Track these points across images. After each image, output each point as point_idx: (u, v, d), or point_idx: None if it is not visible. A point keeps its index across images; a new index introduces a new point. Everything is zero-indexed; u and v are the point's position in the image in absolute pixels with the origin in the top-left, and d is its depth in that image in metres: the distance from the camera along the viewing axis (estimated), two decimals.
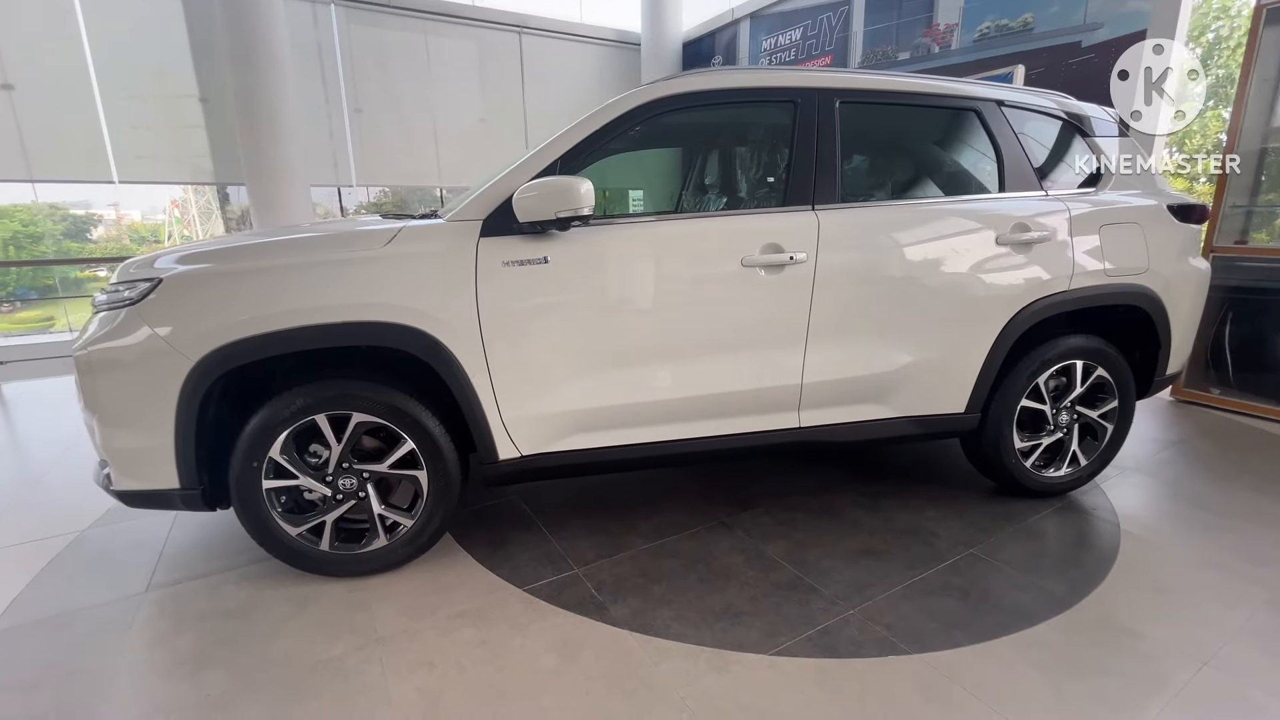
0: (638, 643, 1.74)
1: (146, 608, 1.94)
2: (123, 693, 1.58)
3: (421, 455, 1.99)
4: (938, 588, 1.97)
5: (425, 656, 1.70)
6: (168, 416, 1.80)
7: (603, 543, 2.27)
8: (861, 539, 2.28)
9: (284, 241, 1.94)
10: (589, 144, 2.01)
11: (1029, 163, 2.36)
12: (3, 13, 5.80)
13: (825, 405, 2.24)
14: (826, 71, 2.24)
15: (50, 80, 6.06)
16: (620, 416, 2.09)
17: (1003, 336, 2.27)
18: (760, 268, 2.06)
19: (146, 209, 15.69)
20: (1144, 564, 2.10)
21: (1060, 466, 2.52)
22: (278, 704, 1.54)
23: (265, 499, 1.92)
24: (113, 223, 14.90)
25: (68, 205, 14.84)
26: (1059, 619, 1.82)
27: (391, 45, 7.56)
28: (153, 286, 1.80)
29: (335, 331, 1.83)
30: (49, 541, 2.34)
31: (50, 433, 3.67)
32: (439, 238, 1.91)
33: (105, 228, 14.94)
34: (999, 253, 2.24)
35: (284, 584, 2.03)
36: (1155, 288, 2.41)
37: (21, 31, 5.89)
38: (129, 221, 15.11)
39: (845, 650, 1.69)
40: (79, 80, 6.16)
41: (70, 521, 2.47)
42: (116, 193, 14.94)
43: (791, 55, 7.47)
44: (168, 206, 15.35)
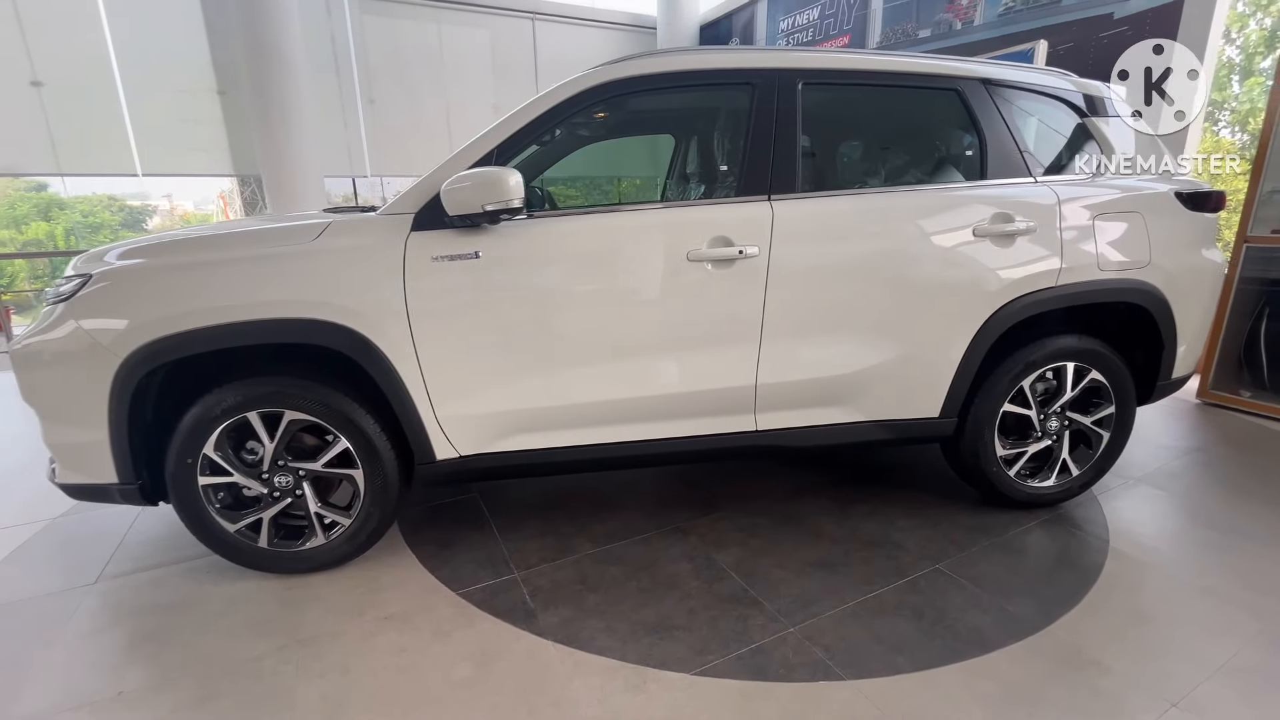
0: (558, 655, 1.67)
1: (92, 599, 1.97)
2: (42, 685, 1.60)
3: (356, 454, 1.95)
4: (891, 606, 1.84)
5: (341, 661, 1.67)
6: (101, 412, 1.80)
7: (550, 546, 2.21)
8: (821, 549, 2.15)
9: (214, 236, 1.92)
10: (526, 133, 1.92)
11: (1016, 147, 2.16)
12: (32, 13, 6.00)
13: (784, 408, 2.12)
14: (787, 51, 2.10)
15: (76, 77, 6.27)
16: (562, 417, 2.01)
17: (979, 337, 2.10)
18: (707, 262, 1.94)
19: (199, 199, 16.23)
20: (1128, 587, 1.93)
21: (1049, 476, 2.34)
22: (184, 704, 1.53)
23: (201, 495, 1.91)
24: (166, 213, 15.52)
25: (125, 197, 15.53)
26: (1018, 646, 1.67)
27: (404, 35, 7.56)
28: (84, 282, 1.80)
29: (260, 328, 1.80)
30: (20, 529, 2.41)
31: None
32: (368, 232, 1.86)
33: (160, 218, 15.58)
34: (975, 245, 2.06)
35: (225, 580, 2.03)
36: (1158, 283, 2.19)
37: (49, 30, 6.09)
38: (181, 212, 15.71)
39: (774, 673, 1.59)
40: (103, 76, 6.35)
41: (45, 509, 2.53)
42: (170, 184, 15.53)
43: (809, 35, 7.18)
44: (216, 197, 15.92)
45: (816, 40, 7.06)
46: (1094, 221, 2.12)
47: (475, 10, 7.86)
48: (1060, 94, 2.25)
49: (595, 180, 7.09)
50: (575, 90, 1.93)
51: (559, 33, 8.38)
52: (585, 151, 2.85)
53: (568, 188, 7.30)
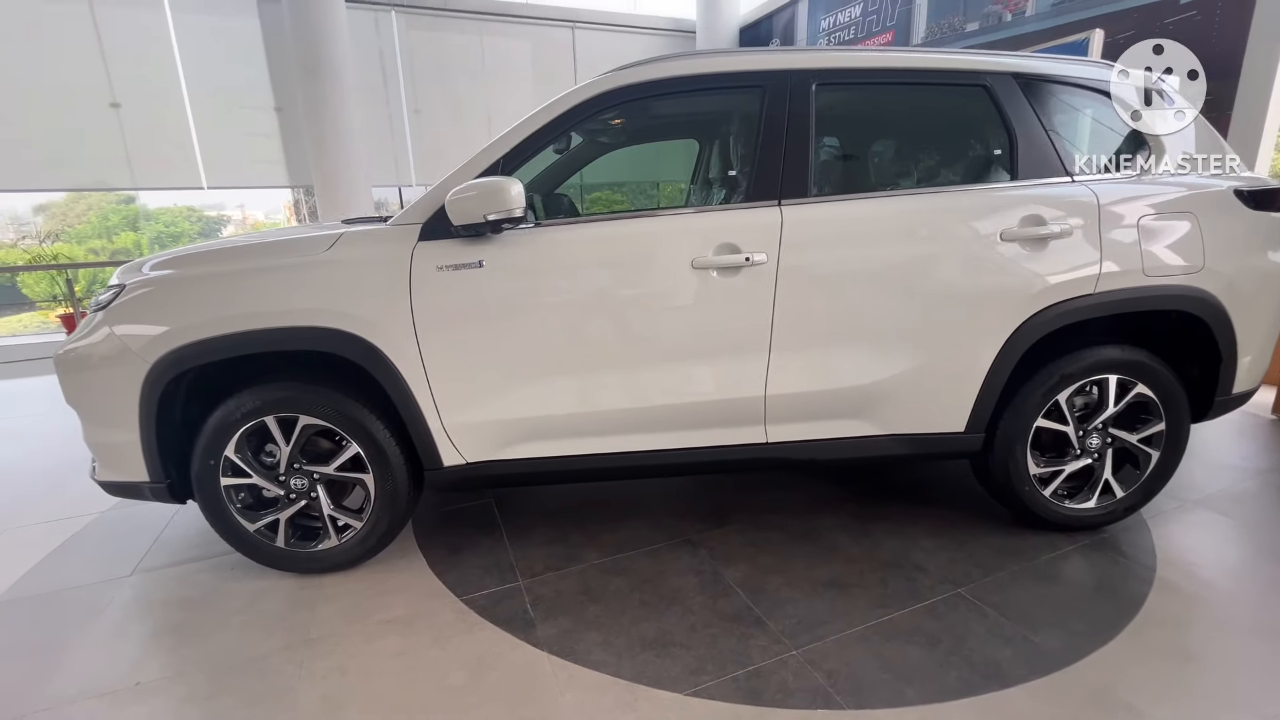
0: (552, 667, 1.66)
1: (125, 591, 2.08)
2: (71, 672, 1.70)
3: (367, 459, 1.99)
4: (904, 632, 1.75)
5: (343, 662, 1.70)
6: (133, 414, 1.91)
7: (558, 554, 2.20)
8: (836, 568, 2.06)
9: (236, 248, 2.00)
10: (532, 142, 1.93)
11: (1052, 145, 2.02)
12: (112, 39, 6.49)
13: (795, 420, 2.04)
14: (799, 52, 2.02)
15: (150, 98, 6.74)
16: (568, 426, 2.00)
17: (1008, 347, 1.97)
18: (713, 270, 1.89)
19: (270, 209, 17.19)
20: (1174, 623, 1.76)
21: (1089, 497, 2.17)
22: (192, 699, 1.59)
23: (224, 495, 2.00)
24: (239, 222, 16.54)
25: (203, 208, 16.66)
26: (1040, 682, 1.55)
27: (448, 47, 7.79)
28: (118, 292, 1.92)
29: (274, 336, 1.86)
30: (73, 521, 2.58)
31: None
32: (377, 242, 1.90)
33: (234, 226, 16.63)
34: (1002, 250, 1.93)
35: (246, 577, 2.11)
36: (1214, 290, 2.00)
37: (127, 55, 6.57)
38: (253, 221, 16.70)
39: (770, 697, 1.53)
40: (173, 96, 6.80)
41: (96, 504, 2.70)
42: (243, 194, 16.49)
43: (851, 34, 6.99)
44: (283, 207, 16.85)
45: (859, 38, 6.87)
46: (1139, 223, 1.96)
47: (516, 21, 8.02)
48: (1104, 87, 2.09)
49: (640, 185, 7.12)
50: (580, 99, 1.93)
51: (598, 39, 8.46)
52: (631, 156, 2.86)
53: (614, 192, 7.36)
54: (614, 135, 2.81)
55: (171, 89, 6.78)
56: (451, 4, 7.65)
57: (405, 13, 7.51)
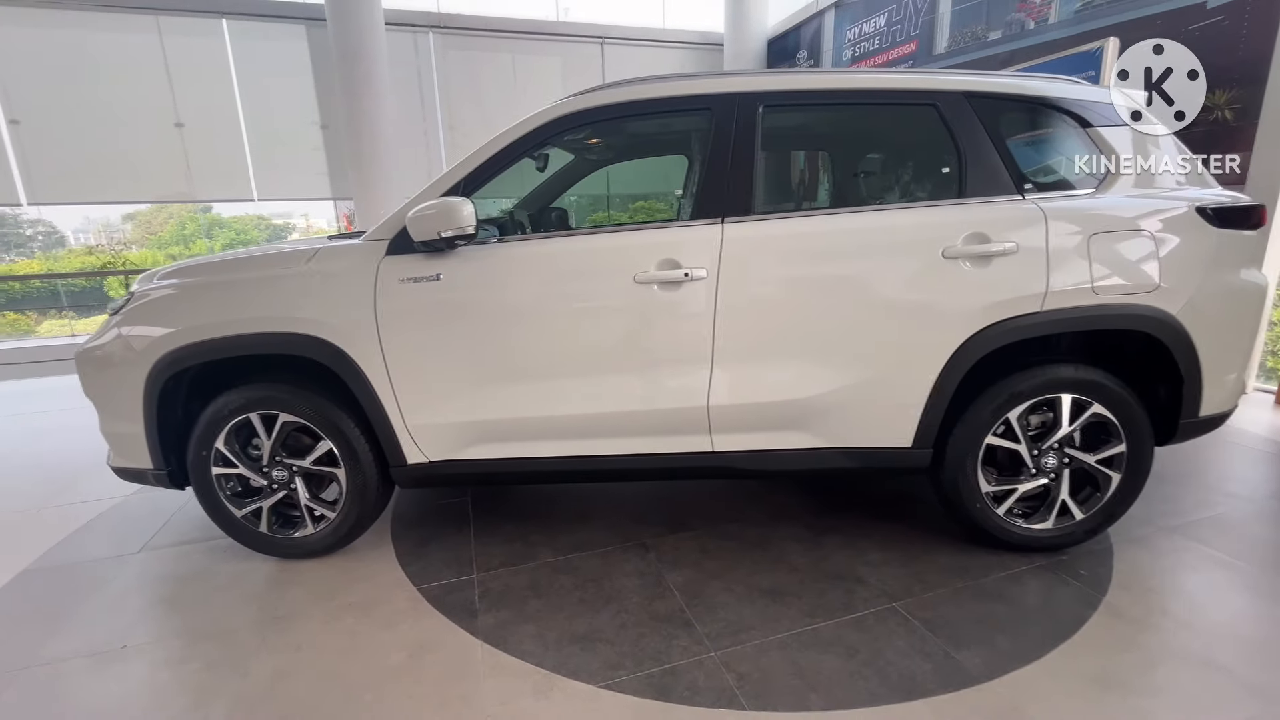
0: (483, 655, 1.77)
1: (131, 566, 2.32)
2: (70, 634, 1.92)
3: (339, 455, 2.17)
4: (827, 641, 1.78)
5: (300, 639, 1.86)
6: (138, 408, 2.14)
7: (516, 551, 2.32)
8: (777, 576, 2.11)
9: (232, 260, 2.22)
10: (491, 165, 2.07)
11: (1003, 162, 2.02)
12: (177, 63, 7.09)
13: (740, 430, 2.10)
14: (748, 75, 2.09)
15: (209, 117, 7.31)
16: (522, 430, 2.12)
17: (952, 364, 1.98)
18: (655, 284, 1.98)
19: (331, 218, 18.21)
20: (1107, 647, 1.73)
21: (1046, 518, 2.14)
22: (166, 662, 1.78)
23: (215, 483, 2.21)
24: (304, 229, 17.60)
25: (271, 216, 17.83)
26: (948, 697, 1.56)
27: (482, 65, 8.13)
28: (128, 299, 2.16)
29: (256, 340, 2.06)
30: (102, 503, 2.87)
31: None
32: (348, 256, 2.08)
33: (299, 234, 17.71)
34: (945, 268, 1.95)
35: (234, 558, 2.32)
36: (1172, 310, 1.95)
37: (190, 78, 7.16)
38: (316, 228, 17.73)
39: (677, 695, 1.59)
40: (229, 116, 7.36)
41: (124, 489, 2.99)
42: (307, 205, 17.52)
43: (875, 44, 6.92)
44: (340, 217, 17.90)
45: (883, 48, 6.80)
46: (1089, 241, 1.94)
47: (547, 38, 8.30)
48: (1061, 104, 2.08)
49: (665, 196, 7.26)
50: (537, 124, 2.06)
51: (627, 55, 8.64)
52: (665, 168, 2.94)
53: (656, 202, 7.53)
54: (603, 152, 2.95)
55: (228, 108, 7.33)
56: (486, 24, 7.99)
57: (442, 33, 7.89)
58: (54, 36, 6.67)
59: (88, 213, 14.48)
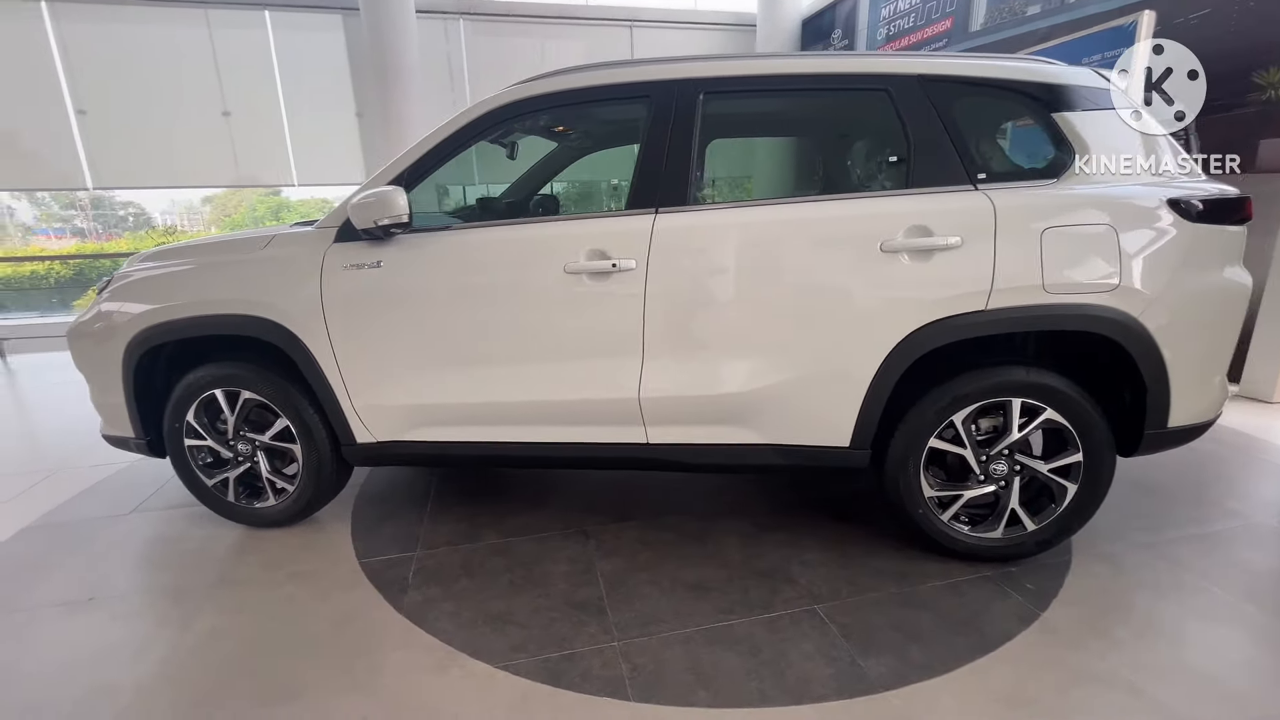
0: (400, 629, 1.85)
1: (119, 526, 2.53)
2: (51, 584, 2.12)
3: (295, 432, 2.28)
4: (734, 639, 1.76)
5: (243, 602, 1.99)
6: (119, 381, 2.31)
7: (461, 532, 2.39)
8: (706, 571, 2.09)
9: (199, 245, 2.36)
10: (432, 156, 2.11)
11: (956, 151, 1.90)
12: (225, 54, 7.47)
13: (673, 423, 2.09)
14: (689, 61, 2.04)
15: (253, 106, 7.69)
16: (462, 414, 2.17)
17: (889, 364, 1.90)
18: (584, 275, 1.98)
19: None
20: (1028, 665, 1.64)
21: (994, 527, 2.04)
22: (121, 615, 1.94)
23: (188, 454, 2.37)
24: None
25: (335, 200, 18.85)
26: (836, 704, 1.53)
27: (510, 51, 8.20)
28: (110, 279, 2.33)
29: (215, 321, 2.19)
30: (107, 467, 3.12)
31: None
32: (299, 243, 2.17)
33: None
34: (883, 262, 1.86)
35: (208, 524, 2.48)
36: (1134, 311, 1.80)
37: (236, 69, 7.53)
38: None
39: (567, 681, 1.62)
40: (271, 104, 7.71)
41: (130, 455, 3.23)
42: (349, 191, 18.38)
43: (910, 22, 6.58)
44: None
45: (918, 26, 6.46)
46: (1043, 236, 1.81)
47: (575, 22, 8.28)
48: (1025, 88, 1.93)
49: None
50: (475, 115, 2.09)
51: (656, 37, 8.53)
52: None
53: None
54: (584, 141, 2.96)
55: (270, 98, 7.68)
56: (514, 9, 8.04)
57: (472, 20, 7.99)
58: (115, 31, 7.14)
59: (173, 195, 15.48)
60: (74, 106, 7.20)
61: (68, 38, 7.03)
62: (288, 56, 7.68)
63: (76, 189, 7.52)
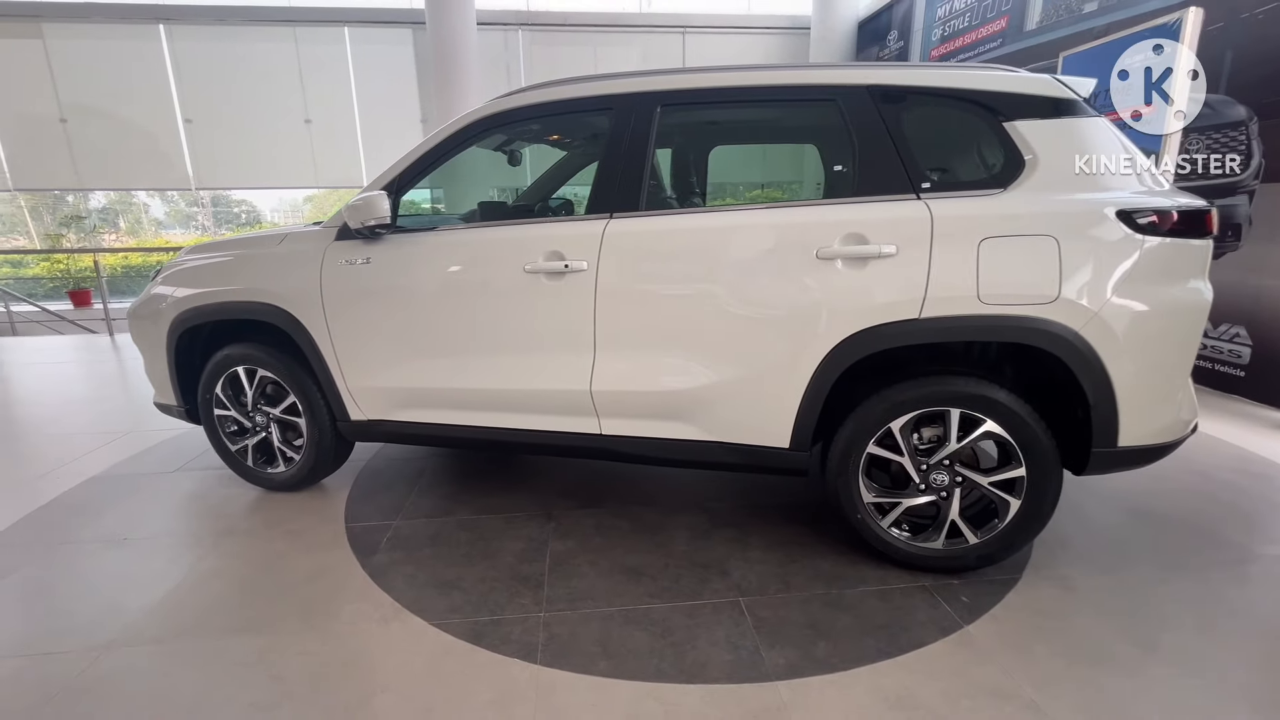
0: (360, 586, 2.07)
1: (165, 481, 2.93)
2: (96, 524, 2.51)
3: (301, 407, 2.58)
4: (651, 620, 1.87)
5: (241, 550, 2.30)
6: (164, 356, 2.70)
7: (442, 506, 2.62)
8: (648, 558, 2.20)
9: (229, 240, 2.70)
10: (422, 163, 2.34)
11: (900, 160, 1.92)
12: (309, 66, 8.21)
13: (624, 416, 2.21)
14: (649, 75, 2.15)
15: (331, 114, 8.40)
16: (436, 399, 2.39)
17: (824, 368, 1.94)
18: (542, 274, 2.14)
19: None
20: (927, 672, 1.65)
21: (936, 537, 2.03)
22: (142, 554, 2.29)
23: (216, 422, 2.73)
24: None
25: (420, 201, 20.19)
26: (725, 688, 1.61)
27: (565, 59, 8.53)
28: (161, 269, 2.72)
29: (237, 307, 2.52)
30: (167, 433, 3.58)
31: None
32: (307, 240, 2.46)
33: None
34: (819, 269, 1.91)
35: (233, 485, 2.83)
36: (1075, 324, 1.76)
37: (317, 80, 8.27)
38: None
39: (488, 642, 1.78)
40: (346, 112, 8.41)
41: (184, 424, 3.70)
42: None
43: (965, 21, 6.33)
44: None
45: (972, 25, 6.21)
46: (979, 245, 1.80)
47: (628, 30, 8.49)
48: (976, 96, 1.91)
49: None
50: (458, 127, 2.30)
51: (708, 42, 8.60)
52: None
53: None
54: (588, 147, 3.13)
55: (346, 106, 8.38)
56: (570, 18, 8.36)
57: (530, 30, 8.38)
58: (217, 48, 8.03)
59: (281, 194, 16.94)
60: (182, 115, 8.14)
61: (179, 54, 7.97)
62: (363, 68, 8.34)
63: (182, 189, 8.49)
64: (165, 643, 1.82)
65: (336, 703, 1.58)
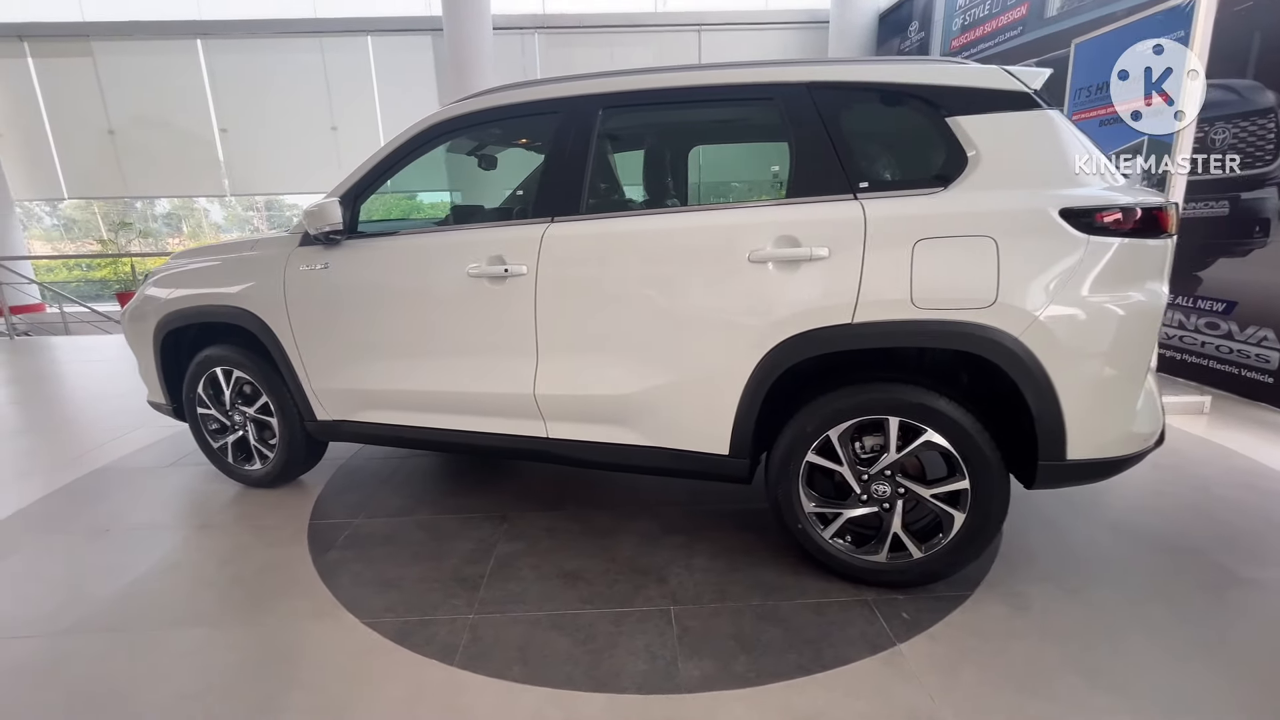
0: (305, 581, 2.13)
1: (158, 476, 3.08)
2: (87, 515, 2.66)
3: (273, 407, 2.67)
4: (576, 627, 1.86)
5: (208, 544, 2.39)
6: (151, 357, 2.84)
7: (404, 507, 2.67)
8: (588, 563, 2.19)
9: (208, 247, 2.82)
10: (378, 170, 2.40)
11: (838, 159, 1.85)
12: (334, 76, 8.50)
13: (569, 420, 2.21)
14: (591, 78, 2.13)
15: (355, 120, 8.67)
16: (390, 400, 2.44)
17: (759, 373, 1.89)
18: (484, 278, 2.16)
19: None
20: (845, 691, 1.58)
21: (879, 550, 1.95)
22: (119, 544, 2.41)
23: (199, 420, 2.85)
24: None
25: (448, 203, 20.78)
26: (633, 698, 1.58)
27: (581, 61, 8.57)
28: (150, 274, 2.86)
29: (210, 310, 2.62)
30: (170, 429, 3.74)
31: None
32: (274, 246, 2.54)
33: None
34: (751, 272, 1.86)
35: (217, 481, 2.95)
36: (1014, 330, 1.66)
37: (342, 88, 8.55)
38: None
39: (413, 642, 1.81)
40: (369, 119, 8.66)
41: None
42: None
43: (985, 9, 6.06)
44: None
45: (992, 14, 5.95)
46: (914, 247, 1.72)
47: (643, 30, 8.47)
48: (917, 91, 1.83)
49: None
50: (412, 134, 2.35)
51: (724, 39, 8.50)
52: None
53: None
54: None
55: (369, 113, 8.63)
56: (585, 20, 8.39)
57: (546, 33, 8.45)
58: (250, 60, 8.39)
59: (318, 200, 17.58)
60: (218, 125, 8.54)
61: (215, 67, 8.36)
62: (385, 75, 8.58)
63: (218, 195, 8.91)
64: (116, 631, 1.91)
65: (254, 695, 1.63)
